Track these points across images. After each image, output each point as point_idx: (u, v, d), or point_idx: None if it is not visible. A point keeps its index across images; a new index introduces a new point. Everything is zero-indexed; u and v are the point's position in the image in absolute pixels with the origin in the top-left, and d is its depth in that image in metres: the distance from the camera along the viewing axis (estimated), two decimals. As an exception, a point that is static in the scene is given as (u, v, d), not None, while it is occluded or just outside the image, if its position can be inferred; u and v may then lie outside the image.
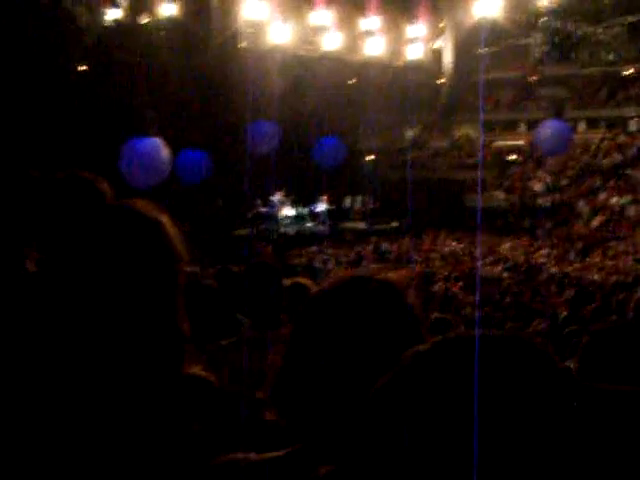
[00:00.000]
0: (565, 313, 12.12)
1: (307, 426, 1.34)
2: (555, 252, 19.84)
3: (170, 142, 15.67)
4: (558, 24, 31.70)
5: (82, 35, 20.35)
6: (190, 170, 17.84)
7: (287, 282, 4.20)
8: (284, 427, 1.42)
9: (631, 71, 32.24)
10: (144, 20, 20.85)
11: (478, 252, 21.35)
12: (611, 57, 33.23)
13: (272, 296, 3.42)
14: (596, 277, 15.51)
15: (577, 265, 17.36)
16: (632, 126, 30.50)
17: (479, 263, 19.37)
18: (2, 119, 17.72)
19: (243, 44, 22.48)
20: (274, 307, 3.40)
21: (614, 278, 14.94)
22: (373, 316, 1.37)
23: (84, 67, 22.32)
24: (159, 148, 15.28)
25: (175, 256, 1.66)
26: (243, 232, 23.48)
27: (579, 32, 33.39)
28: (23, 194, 1.91)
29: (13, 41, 19.21)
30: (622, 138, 29.76)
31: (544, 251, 20.11)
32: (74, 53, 21.50)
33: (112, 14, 20.98)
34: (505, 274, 17.23)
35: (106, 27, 20.48)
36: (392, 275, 1.45)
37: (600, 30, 33.16)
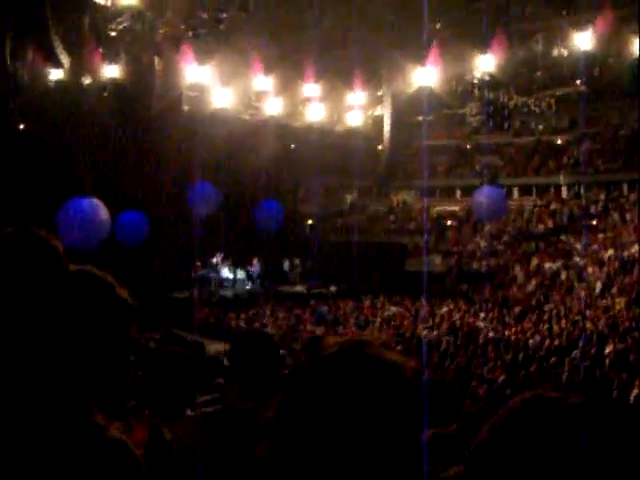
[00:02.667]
0: (503, 377, 12.23)
1: None
2: (492, 316, 20.10)
3: (109, 203, 15.53)
4: (492, 95, 32.77)
5: (22, 93, 20.19)
6: (128, 231, 17.66)
7: (226, 347, 4.16)
8: None
9: (561, 140, 33.44)
10: (86, 81, 20.84)
11: (418, 316, 21.50)
12: (542, 127, 34.43)
13: (266, 366, 3.36)
14: (532, 341, 15.73)
15: (513, 329, 17.60)
16: (563, 193, 31.47)
17: (419, 327, 19.49)
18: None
19: (186, 107, 22.61)
20: (266, 377, 3.35)
21: (549, 342, 15.19)
22: (365, 386, 1.36)
23: (22, 125, 22.12)
24: (97, 208, 15.12)
25: (130, 315, 1.68)
26: (181, 295, 23.21)
27: (512, 103, 34.57)
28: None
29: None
30: (554, 205, 30.63)
31: (481, 315, 20.36)
32: (13, 111, 21.30)
33: (54, 74, 20.91)
34: (444, 338, 17.35)
35: (47, 86, 20.37)
36: (393, 354, 1.43)
37: (532, 101, 34.41)
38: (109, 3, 19.34)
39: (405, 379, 1.36)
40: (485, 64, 25.96)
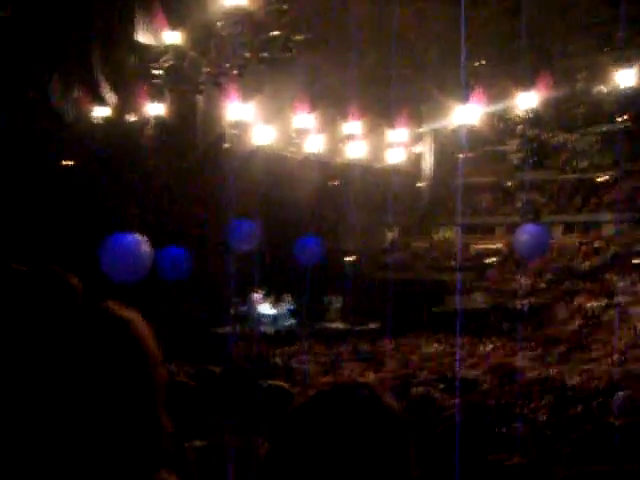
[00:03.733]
0: (545, 417, 12.02)
1: None
2: (534, 355, 19.82)
3: (152, 239, 15.72)
4: (534, 132, 32.60)
5: (68, 131, 20.62)
6: (171, 267, 17.84)
7: (265, 384, 4.17)
8: None
9: (604, 178, 33.08)
10: (131, 119, 21.22)
11: (458, 354, 21.29)
12: (585, 164, 34.12)
13: (248, 400, 3.40)
14: (575, 381, 15.47)
15: (556, 369, 17.33)
16: (606, 231, 31.06)
17: (460, 366, 19.27)
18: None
19: (227, 145, 22.87)
20: (251, 411, 3.37)
21: (594, 383, 14.92)
22: (356, 429, 1.37)
23: (69, 162, 22.57)
24: (140, 244, 15.31)
25: (146, 354, 1.66)
26: (223, 330, 23.30)
27: (554, 140, 34.36)
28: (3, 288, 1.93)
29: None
30: (598, 243, 30.25)
31: (523, 354, 20.09)
32: (59, 148, 21.76)
33: (100, 112, 21.32)
34: (485, 377, 17.13)
35: (92, 124, 20.78)
36: (373, 380, 1.46)
37: (574, 138, 34.16)
38: (154, 42, 19.72)
39: (396, 420, 1.37)
40: (527, 101, 25.85)
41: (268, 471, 1.40)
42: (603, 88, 30.65)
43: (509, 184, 35.21)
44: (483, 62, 27.90)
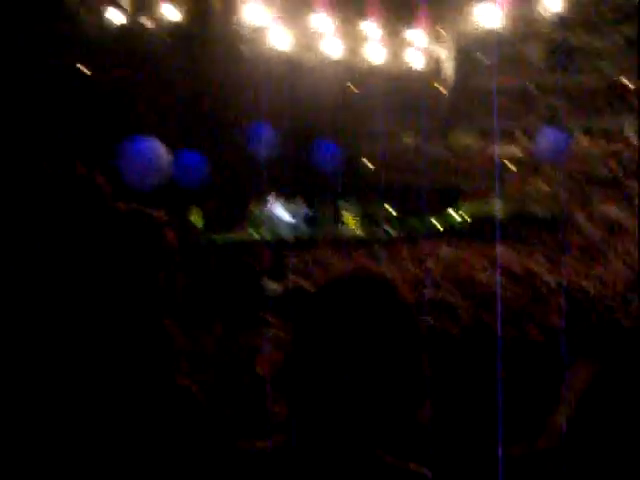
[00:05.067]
0: (562, 322, 12.12)
1: (312, 416, 1.37)
2: (552, 261, 19.83)
3: (169, 143, 15.70)
4: (558, 33, 31.77)
5: (84, 37, 20.36)
6: (188, 171, 17.86)
7: (289, 285, 4.23)
8: (289, 417, 1.45)
9: (630, 81, 32.34)
10: (146, 23, 20.89)
11: (474, 260, 21.36)
12: (609, 67, 33.32)
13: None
14: (594, 287, 15.52)
15: (573, 275, 17.36)
16: (630, 137, 30.58)
17: (475, 270, 19.35)
18: (3, 116, 17.74)
19: (244, 49, 22.52)
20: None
21: (612, 288, 14.96)
22: (370, 311, 1.40)
23: (84, 67, 22.33)
24: (157, 148, 15.30)
25: (172, 256, 1.68)
26: (240, 236, 23.47)
27: (578, 41, 33.49)
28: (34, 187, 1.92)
29: (10, 37, 19.22)
30: (620, 148, 29.84)
31: (540, 260, 20.10)
32: (73, 53, 21.51)
33: (112, 14, 20.98)
34: (501, 282, 17.22)
35: (109, 30, 20.50)
36: (385, 272, 1.48)
37: (599, 40, 33.27)
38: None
39: (410, 311, 1.40)
40: (549, 2, 25.10)
41: (291, 357, 1.44)
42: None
43: (531, 88, 34.54)
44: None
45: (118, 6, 20.23)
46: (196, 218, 23.30)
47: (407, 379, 1.34)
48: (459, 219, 27.39)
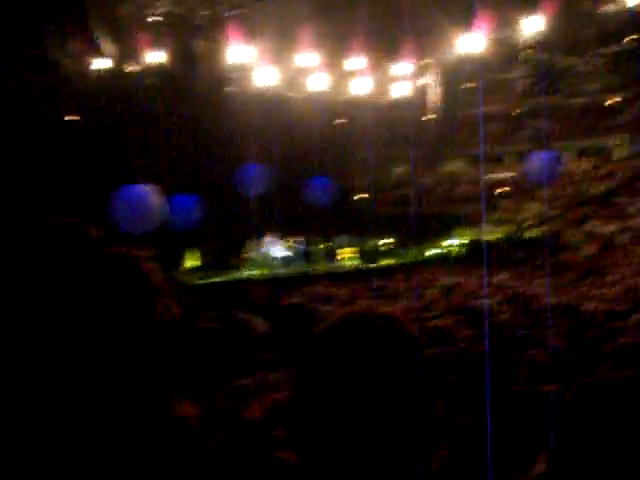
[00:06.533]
0: (561, 343, 12.08)
1: (322, 462, 1.35)
2: (548, 282, 19.83)
3: (161, 188, 15.71)
4: (540, 57, 32.11)
5: (69, 84, 20.48)
6: (182, 215, 17.87)
7: (285, 323, 4.20)
8: (299, 465, 1.43)
9: (614, 100, 32.63)
10: (131, 68, 21.05)
11: (473, 285, 21.35)
12: (593, 87, 33.64)
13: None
14: (590, 306, 15.49)
15: (571, 295, 17.34)
16: (617, 154, 30.79)
17: (474, 296, 19.33)
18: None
19: (231, 88, 22.69)
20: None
21: (609, 306, 14.93)
22: (379, 351, 1.38)
23: (72, 116, 22.44)
24: (150, 194, 15.32)
25: (157, 293, 1.68)
26: (237, 275, 23.43)
27: (561, 64, 33.84)
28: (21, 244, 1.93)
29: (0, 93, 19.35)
30: (608, 167, 30.01)
31: (537, 281, 20.11)
32: (61, 102, 21.63)
33: (99, 64, 21.15)
34: (500, 306, 17.19)
35: (92, 76, 20.63)
36: (391, 310, 1.46)
37: (581, 61, 33.63)
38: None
39: (418, 347, 1.39)
40: (531, 26, 25.39)
41: (297, 396, 1.42)
42: (609, 8, 30.04)
43: (517, 112, 34.83)
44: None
45: (103, 54, 20.42)
46: (193, 259, 23.29)
47: (421, 424, 1.33)
48: (455, 246, 27.40)
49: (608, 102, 32.97)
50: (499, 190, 32.15)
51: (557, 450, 1.29)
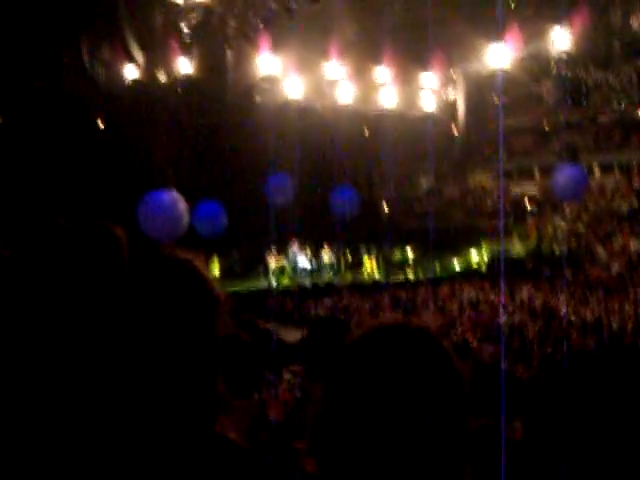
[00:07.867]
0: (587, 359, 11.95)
1: (347, 476, 1.32)
2: (575, 299, 19.66)
3: (187, 196, 15.78)
4: (569, 71, 31.90)
5: (101, 93, 20.71)
6: (208, 223, 17.91)
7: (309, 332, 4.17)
8: (323, 477, 1.40)
9: (644, 115, 32.30)
10: (161, 77, 21.21)
11: (498, 300, 21.20)
12: (623, 102, 33.34)
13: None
14: (617, 324, 15.35)
15: (597, 312, 17.18)
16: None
17: (499, 311, 19.21)
18: (24, 173, 17.99)
19: (258, 99, 22.77)
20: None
21: (634, 323, 14.79)
22: (412, 363, 1.35)
23: (102, 124, 22.66)
24: (177, 201, 15.37)
25: (213, 299, 1.65)
26: (260, 284, 23.47)
27: (591, 78, 33.60)
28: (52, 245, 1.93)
29: (34, 98, 19.58)
30: (637, 182, 29.71)
31: (564, 298, 19.95)
32: (93, 110, 21.86)
33: (130, 73, 21.33)
34: (526, 322, 17.07)
35: (124, 85, 20.84)
36: (424, 322, 1.43)
37: (611, 75, 33.36)
38: (181, 0, 19.60)
39: (452, 359, 1.36)
40: (561, 40, 25.21)
41: (327, 407, 1.39)
42: (639, 22, 29.80)
43: (545, 126, 34.60)
44: (517, 2, 27.26)
45: (133, 61, 20.60)
46: (217, 267, 23.36)
47: (454, 441, 1.29)
48: (480, 260, 27.24)
49: (637, 117, 32.65)
50: (526, 204, 31.94)
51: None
